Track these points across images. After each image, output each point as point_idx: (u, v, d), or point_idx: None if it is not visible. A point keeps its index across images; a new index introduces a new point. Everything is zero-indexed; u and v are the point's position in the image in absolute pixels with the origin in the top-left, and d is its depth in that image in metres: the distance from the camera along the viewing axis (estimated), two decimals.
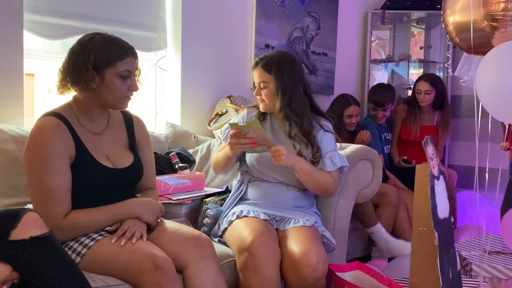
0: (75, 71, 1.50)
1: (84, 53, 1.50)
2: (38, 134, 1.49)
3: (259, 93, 2.00)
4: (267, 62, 1.99)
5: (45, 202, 1.46)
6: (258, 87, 2.01)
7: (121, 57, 1.53)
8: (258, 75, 2.00)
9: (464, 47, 2.02)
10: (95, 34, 1.56)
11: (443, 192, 1.71)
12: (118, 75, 1.53)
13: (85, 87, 1.52)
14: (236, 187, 2.05)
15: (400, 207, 2.91)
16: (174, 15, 2.74)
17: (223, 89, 2.91)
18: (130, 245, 1.45)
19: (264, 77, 1.98)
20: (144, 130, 1.78)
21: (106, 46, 1.52)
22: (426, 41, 4.15)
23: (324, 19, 3.58)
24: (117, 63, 1.52)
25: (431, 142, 1.68)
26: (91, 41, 1.53)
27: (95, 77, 1.51)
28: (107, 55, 1.51)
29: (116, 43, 1.55)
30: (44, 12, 2.22)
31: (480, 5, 1.81)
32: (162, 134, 2.58)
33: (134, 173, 1.68)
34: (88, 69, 1.49)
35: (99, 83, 1.52)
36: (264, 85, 1.98)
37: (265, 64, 1.99)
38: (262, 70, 1.99)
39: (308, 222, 1.85)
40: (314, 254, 1.67)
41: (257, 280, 1.66)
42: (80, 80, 1.51)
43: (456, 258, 1.75)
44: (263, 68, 1.99)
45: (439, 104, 3.36)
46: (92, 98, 1.56)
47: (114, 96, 1.56)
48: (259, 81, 1.99)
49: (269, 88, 1.97)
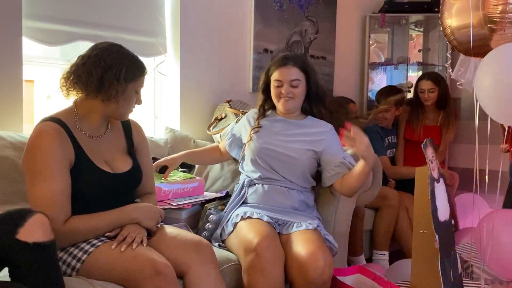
0: (106, 80, 1.51)
1: (116, 64, 1.53)
2: (37, 139, 1.48)
3: (287, 92, 1.97)
4: (298, 60, 2.00)
5: (44, 208, 1.44)
6: (287, 85, 1.97)
7: (143, 73, 1.61)
8: (291, 73, 1.97)
9: (462, 49, 2.02)
10: (121, 46, 1.59)
11: (443, 195, 1.70)
12: (136, 90, 1.60)
13: (106, 95, 1.53)
14: (237, 191, 2.05)
15: (401, 210, 2.91)
16: (173, 20, 2.74)
17: (222, 93, 2.92)
18: (130, 251, 1.45)
19: (298, 75, 1.97)
20: (142, 134, 1.79)
21: (133, 60, 1.59)
22: (425, 44, 4.15)
23: (322, 23, 3.59)
24: (140, 78, 1.60)
25: (430, 144, 1.68)
26: (120, 53, 1.56)
27: (119, 88, 1.53)
28: (134, 70, 1.57)
29: (139, 60, 1.62)
30: (43, 18, 2.22)
31: (479, 7, 1.81)
32: (161, 139, 2.58)
33: (133, 178, 1.68)
34: (119, 80, 1.52)
35: (120, 94, 1.55)
36: (297, 83, 1.97)
37: (297, 62, 1.98)
38: (295, 68, 1.97)
39: (311, 225, 1.85)
40: (321, 257, 1.67)
41: (263, 281, 1.66)
42: (108, 89, 1.51)
43: (457, 261, 1.75)
44: (296, 66, 1.98)
45: (442, 104, 3.33)
46: (100, 105, 1.56)
47: (126, 108, 1.61)
48: (292, 78, 1.96)
49: (300, 86, 1.98)
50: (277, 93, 2.00)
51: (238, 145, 2.15)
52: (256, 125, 2.06)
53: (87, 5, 2.37)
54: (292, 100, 1.99)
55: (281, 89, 1.98)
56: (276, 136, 2.02)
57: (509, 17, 1.76)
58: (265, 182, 2.00)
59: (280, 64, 1.99)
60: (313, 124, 2.06)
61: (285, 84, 1.97)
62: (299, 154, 1.98)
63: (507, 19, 1.77)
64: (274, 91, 2.01)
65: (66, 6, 2.30)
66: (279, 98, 2.00)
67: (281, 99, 1.99)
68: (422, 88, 3.30)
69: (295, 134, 2.03)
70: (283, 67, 1.98)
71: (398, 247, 2.99)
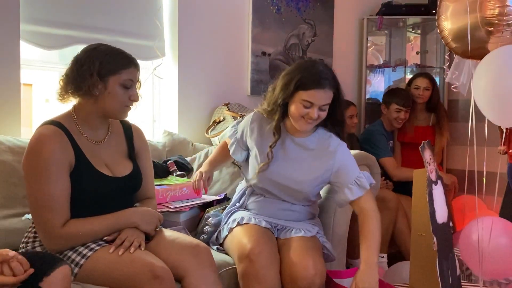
0: (79, 77, 1.51)
1: (89, 59, 1.52)
2: (37, 142, 1.48)
3: (316, 116, 1.73)
4: (335, 83, 1.78)
5: (43, 211, 1.46)
6: (316, 109, 1.73)
7: (125, 66, 1.55)
8: (326, 97, 1.74)
9: (459, 52, 2.02)
10: (100, 44, 1.58)
11: (441, 197, 1.71)
12: (121, 83, 1.55)
13: (88, 93, 1.52)
14: (238, 197, 2.00)
15: (399, 213, 2.91)
16: (171, 23, 2.75)
17: (220, 96, 2.92)
18: (128, 255, 1.45)
19: (330, 99, 1.76)
20: (143, 139, 1.78)
21: (111, 54, 1.55)
22: (422, 46, 4.16)
23: (320, 26, 3.60)
24: (121, 71, 1.54)
25: (428, 147, 1.69)
26: (97, 49, 1.55)
27: (98, 84, 1.52)
28: (112, 63, 1.53)
29: (121, 53, 1.58)
30: (40, 22, 2.22)
31: (476, 10, 1.82)
32: (159, 143, 2.58)
33: (133, 182, 1.68)
34: (92, 75, 1.50)
35: (102, 90, 1.53)
36: (326, 107, 1.76)
37: (333, 86, 1.76)
38: (331, 92, 1.75)
39: (310, 232, 1.84)
40: (312, 266, 1.65)
41: (258, 287, 1.65)
42: (83, 86, 1.51)
43: (456, 263, 1.75)
44: (332, 90, 1.76)
45: (433, 106, 3.34)
46: (93, 106, 1.56)
47: (115, 104, 1.56)
48: (324, 103, 1.74)
49: (327, 110, 1.78)
50: (303, 113, 1.74)
51: (242, 148, 2.00)
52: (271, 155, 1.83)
53: (85, 9, 2.37)
54: (314, 123, 1.79)
55: (309, 110, 1.73)
56: (285, 165, 1.85)
57: (507, 20, 1.76)
58: (268, 195, 1.92)
59: (318, 85, 1.72)
60: (321, 141, 1.88)
61: (315, 108, 1.73)
62: (307, 185, 1.86)
63: (505, 21, 1.77)
64: (299, 111, 1.74)
65: (64, 10, 2.30)
66: (300, 117, 1.75)
67: (304, 120, 1.76)
68: (418, 85, 3.29)
69: (304, 159, 1.86)
70: (320, 89, 1.72)
71: (397, 249, 2.99)
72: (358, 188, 1.80)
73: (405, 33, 4.16)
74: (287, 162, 1.86)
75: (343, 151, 1.86)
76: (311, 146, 1.87)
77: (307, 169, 1.85)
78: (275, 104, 1.82)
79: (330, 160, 1.84)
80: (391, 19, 3.93)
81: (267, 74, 3.19)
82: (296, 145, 1.88)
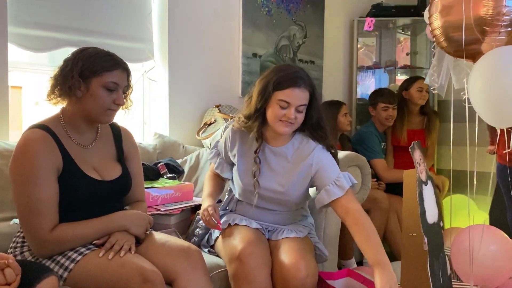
0: (62, 78, 1.50)
1: (73, 61, 1.51)
2: (24, 147, 1.47)
3: (293, 116, 1.72)
4: (310, 82, 1.76)
5: (31, 216, 1.44)
6: (294, 109, 1.72)
7: (109, 68, 1.52)
8: (302, 97, 1.73)
9: (451, 51, 2.02)
10: (90, 47, 1.57)
11: (431, 197, 1.71)
12: (104, 86, 1.52)
13: (70, 95, 1.51)
14: (226, 202, 2.01)
15: (390, 213, 2.92)
16: (161, 25, 2.74)
17: (211, 98, 2.91)
18: (118, 259, 1.44)
19: (307, 100, 1.75)
20: (132, 142, 1.77)
21: (96, 56, 1.53)
22: (412, 47, 4.19)
23: (310, 27, 3.61)
24: (104, 73, 1.51)
25: (418, 147, 1.69)
26: (84, 51, 1.54)
27: (80, 85, 1.50)
28: (95, 64, 1.51)
29: (108, 55, 1.55)
30: (29, 24, 2.21)
31: (470, 9, 1.81)
32: (150, 145, 2.57)
33: (122, 185, 1.66)
34: (73, 76, 1.49)
35: (84, 92, 1.51)
36: (303, 108, 1.75)
37: (309, 85, 1.75)
38: (307, 92, 1.74)
39: (301, 233, 1.84)
40: (303, 267, 1.65)
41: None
42: (64, 86, 1.50)
43: (446, 263, 1.76)
44: (308, 89, 1.75)
45: (427, 108, 3.37)
46: (78, 109, 1.55)
47: (96, 107, 1.53)
48: (301, 103, 1.73)
49: (304, 111, 1.77)
50: (280, 115, 1.73)
51: (229, 165, 1.96)
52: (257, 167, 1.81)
53: (74, 11, 2.36)
54: (292, 126, 1.76)
55: (286, 111, 1.72)
56: (269, 177, 1.83)
57: (504, 20, 1.76)
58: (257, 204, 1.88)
59: (294, 84, 1.71)
60: (299, 147, 1.85)
61: (291, 108, 1.72)
62: (293, 193, 1.83)
63: (502, 21, 1.76)
64: (276, 112, 1.73)
65: (53, 12, 2.28)
66: (278, 119, 1.74)
67: (282, 122, 1.74)
68: (420, 87, 3.28)
69: (285, 168, 1.83)
70: (296, 88, 1.71)
71: (389, 249, 3.00)
72: (336, 188, 1.73)
73: (395, 35, 4.18)
74: (271, 173, 1.83)
75: (319, 154, 1.82)
76: (289, 154, 1.84)
77: (290, 177, 1.82)
78: (255, 112, 1.79)
79: (308, 164, 1.81)
80: (381, 20, 3.95)
81: (258, 76, 3.17)
82: (275, 156, 1.84)
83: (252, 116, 1.80)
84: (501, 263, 1.80)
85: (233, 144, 1.89)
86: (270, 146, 1.85)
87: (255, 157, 1.81)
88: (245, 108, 1.85)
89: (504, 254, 1.81)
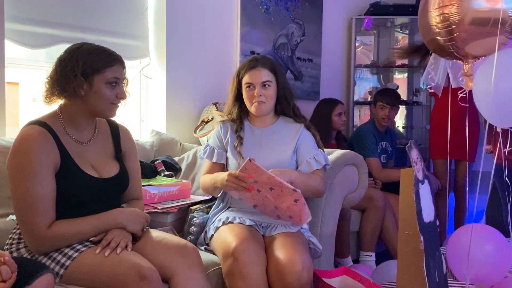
0: (64, 78, 1.50)
1: (72, 60, 1.50)
2: (22, 143, 1.47)
3: (259, 94, 1.95)
4: (268, 62, 2.00)
5: (28, 213, 1.43)
6: (258, 88, 1.95)
7: (109, 64, 1.53)
8: (261, 75, 1.96)
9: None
10: (83, 43, 1.56)
11: (428, 196, 1.72)
12: (107, 82, 1.53)
13: (73, 94, 1.51)
14: (221, 196, 2.03)
15: (387, 211, 2.92)
16: (158, 23, 2.73)
17: (209, 96, 2.91)
18: (114, 256, 1.44)
19: (269, 77, 1.97)
20: (130, 139, 1.77)
21: (94, 53, 1.53)
22: None
23: (308, 26, 3.61)
24: (106, 70, 1.53)
25: (415, 146, 1.69)
26: (80, 49, 1.53)
27: (83, 84, 1.50)
28: (96, 62, 1.51)
29: (104, 51, 1.56)
30: (25, 21, 2.20)
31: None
32: (147, 142, 2.57)
33: (119, 183, 1.66)
34: (76, 76, 1.49)
35: (87, 90, 1.52)
36: (269, 84, 1.97)
37: (266, 64, 1.98)
38: (266, 70, 1.97)
39: (294, 228, 1.85)
40: (299, 261, 1.66)
41: (243, 285, 1.65)
42: (68, 87, 1.50)
43: (442, 261, 1.76)
44: (266, 67, 1.97)
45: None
46: (80, 106, 1.55)
47: (102, 103, 1.55)
48: (263, 80, 1.96)
49: (271, 87, 1.97)
50: (250, 96, 1.98)
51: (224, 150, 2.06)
52: (238, 142, 2.00)
53: (71, 8, 2.36)
54: (264, 104, 1.97)
55: (253, 91, 1.96)
56: (258, 149, 1.99)
57: (504, 20, 1.75)
58: None
59: (250, 67, 1.98)
60: (286, 125, 2.05)
61: (256, 87, 1.96)
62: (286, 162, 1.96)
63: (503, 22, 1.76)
64: (246, 94, 1.99)
65: (50, 9, 2.28)
66: (251, 101, 1.98)
67: (254, 103, 1.97)
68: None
69: (274, 140, 2.01)
70: (253, 70, 1.97)
71: (385, 248, 3.01)
72: (315, 162, 1.95)
73: (393, 33, 4.19)
74: (263, 147, 2.00)
75: (303, 131, 2.03)
76: (277, 130, 2.04)
77: (281, 148, 1.99)
78: (233, 102, 2.06)
79: (294, 138, 2.01)
80: (379, 19, 3.95)
81: None
82: (265, 133, 2.04)
83: (232, 106, 2.07)
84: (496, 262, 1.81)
85: (225, 133, 2.06)
86: (260, 128, 2.05)
87: (237, 135, 2.02)
88: (226, 104, 2.14)
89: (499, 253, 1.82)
